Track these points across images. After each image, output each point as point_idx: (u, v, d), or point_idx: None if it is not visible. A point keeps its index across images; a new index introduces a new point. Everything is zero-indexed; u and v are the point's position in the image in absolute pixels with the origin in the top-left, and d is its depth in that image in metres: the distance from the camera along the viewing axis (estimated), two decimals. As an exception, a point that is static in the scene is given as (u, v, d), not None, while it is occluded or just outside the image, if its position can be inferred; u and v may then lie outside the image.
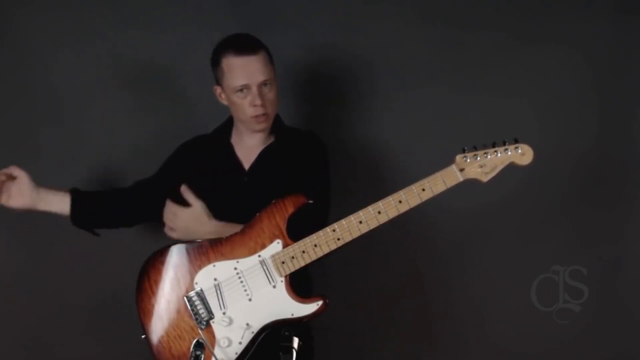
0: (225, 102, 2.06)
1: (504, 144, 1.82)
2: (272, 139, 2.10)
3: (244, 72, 1.96)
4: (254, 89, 1.96)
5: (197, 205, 1.96)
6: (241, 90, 1.97)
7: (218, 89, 2.06)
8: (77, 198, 2.10)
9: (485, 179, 1.83)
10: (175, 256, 1.89)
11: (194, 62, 2.37)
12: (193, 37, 2.42)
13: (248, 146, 2.09)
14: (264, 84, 1.97)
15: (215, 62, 2.02)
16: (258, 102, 1.96)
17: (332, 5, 2.49)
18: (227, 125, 2.15)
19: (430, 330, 2.58)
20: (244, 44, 1.98)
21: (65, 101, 2.49)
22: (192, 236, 1.93)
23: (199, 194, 1.98)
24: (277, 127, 2.10)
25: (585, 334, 2.55)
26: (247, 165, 2.07)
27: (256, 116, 1.98)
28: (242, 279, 1.84)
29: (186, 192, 1.97)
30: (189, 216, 1.95)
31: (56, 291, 2.51)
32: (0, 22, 2.46)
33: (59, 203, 2.08)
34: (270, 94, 1.99)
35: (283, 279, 1.84)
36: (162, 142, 2.38)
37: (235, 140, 2.12)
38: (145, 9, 2.48)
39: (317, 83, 2.52)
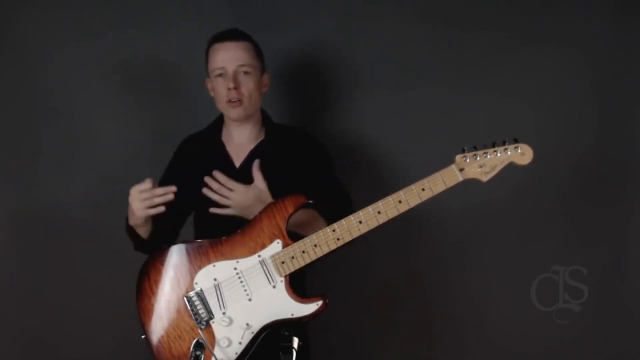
0: (213, 95, 2.08)
1: (504, 144, 1.82)
2: (262, 137, 2.10)
3: (221, 55, 2.00)
4: (230, 73, 1.99)
5: (262, 185, 1.91)
6: (220, 75, 2.00)
7: (209, 83, 2.09)
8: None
9: (485, 178, 1.82)
10: (175, 256, 1.89)
11: (193, 62, 2.37)
12: (193, 37, 2.42)
13: (238, 143, 2.09)
14: (242, 70, 1.99)
15: (205, 54, 2.06)
16: (231, 85, 1.98)
17: (332, 5, 2.49)
18: (218, 122, 2.16)
19: (430, 330, 2.58)
20: (228, 32, 2.03)
21: (65, 101, 2.49)
22: (249, 213, 1.89)
23: (193, 192, 1.99)
24: (266, 125, 2.11)
25: (585, 334, 2.55)
26: (238, 162, 2.07)
27: (229, 101, 2.00)
28: (242, 279, 1.84)
29: (257, 172, 1.92)
30: (252, 194, 1.90)
31: (56, 291, 2.52)
32: (0, 22, 2.46)
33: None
34: (248, 83, 2.00)
35: (283, 279, 1.84)
36: (162, 140, 2.38)
37: (225, 136, 2.12)
38: (145, 9, 2.48)
39: (316, 83, 2.52)
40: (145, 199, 1.85)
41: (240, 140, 2.09)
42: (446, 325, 2.57)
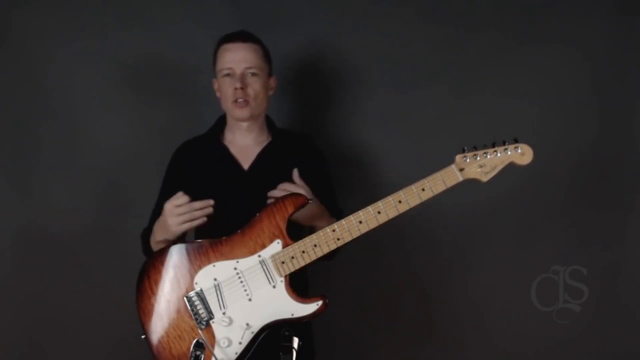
0: (219, 95, 2.09)
1: (504, 144, 1.82)
2: (269, 139, 2.11)
3: (231, 56, 2.01)
4: (238, 74, 2.00)
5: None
6: (228, 75, 2.01)
7: (215, 83, 2.10)
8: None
9: (485, 179, 1.83)
10: (175, 256, 1.89)
11: (194, 61, 2.38)
12: (194, 36, 2.43)
13: (242, 145, 2.09)
14: (249, 72, 2.00)
15: (214, 54, 2.07)
16: (238, 84, 1.99)
17: (332, 5, 2.49)
18: (219, 125, 2.15)
19: (430, 330, 2.58)
20: (238, 34, 2.04)
21: (64, 100, 2.49)
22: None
23: (197, 196, 1.99)
24: (271, 129, 2.13)
25: (585, 334, 2.55)
26: (245, 164, 2.07)
27: (236, 101, 2.01)
28: (242, 279, 1.84)
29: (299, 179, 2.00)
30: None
31: (55, 292, 2.51)
32: (0, 22, 2.46)
33: None
34: (255, 84, 2.01)
35: (283, 279, 1.84)
36: (162, 140, 2.38)
37: (228, 140, 2.11)
38: (146, 8, 2.48)
39: (316, 83, 2.52)
40: (181, 214, 1.85)
41: (245, 143, 2.09)
42: (446, 325, 2.57)
